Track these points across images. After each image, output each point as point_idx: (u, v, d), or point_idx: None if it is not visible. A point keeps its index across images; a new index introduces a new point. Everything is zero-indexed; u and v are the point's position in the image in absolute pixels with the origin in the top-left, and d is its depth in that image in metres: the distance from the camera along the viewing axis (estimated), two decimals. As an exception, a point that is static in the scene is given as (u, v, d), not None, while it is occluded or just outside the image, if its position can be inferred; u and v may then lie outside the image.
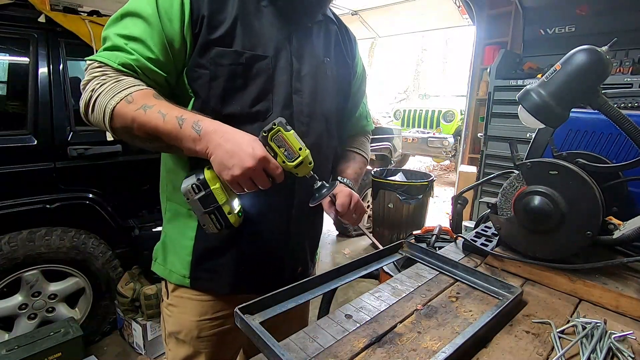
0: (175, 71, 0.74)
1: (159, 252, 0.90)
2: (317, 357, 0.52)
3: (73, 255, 1.77)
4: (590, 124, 0.97)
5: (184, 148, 0.66)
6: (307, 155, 0.68)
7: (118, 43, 0.69)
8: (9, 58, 1.81)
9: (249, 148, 0.64)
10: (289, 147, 0.67)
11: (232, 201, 0.70)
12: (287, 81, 0.78)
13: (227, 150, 0.63)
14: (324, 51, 0.87)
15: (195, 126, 0.65)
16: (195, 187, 0.67)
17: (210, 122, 0.66)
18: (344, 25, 0.98)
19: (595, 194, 0.70)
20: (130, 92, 0.66)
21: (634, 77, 2.47)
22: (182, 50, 0.72)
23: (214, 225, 0.68)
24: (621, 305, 0.66)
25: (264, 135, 0.67)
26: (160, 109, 0.66)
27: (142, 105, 0.65)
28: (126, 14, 0.71)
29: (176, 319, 0.87)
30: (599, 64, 0.66)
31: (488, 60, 3.61)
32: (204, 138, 0.64)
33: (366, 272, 0.79)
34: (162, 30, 0.69)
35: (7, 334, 1.71)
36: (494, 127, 3.13)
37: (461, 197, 0.99)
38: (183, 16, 0.70)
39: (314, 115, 0.83)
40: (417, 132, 6.78)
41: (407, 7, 4.25)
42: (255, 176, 0.65)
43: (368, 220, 3.85)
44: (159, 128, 0.65)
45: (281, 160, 0.68)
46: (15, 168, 1.63)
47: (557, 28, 3.13)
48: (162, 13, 0.69)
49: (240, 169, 0.63)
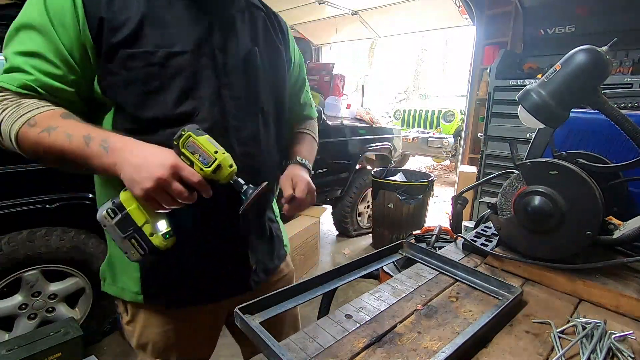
0: (85, 82, 0.68)
1: (106, 272, 0.84)
2: (317, 357, 0.52)
3: (73, 255, 1.76)
4: (590, 124, 0.98)
5: (93, 167, 0.62)
6: (224, 158, 0.63)
7: (16, 63, 0.63)
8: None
9: (157, 158, 0.60)
10: (203, 151, 0.62)
11: (156, 222, 0.64)
12: (212, 76, 0.73)
13: (134, 164, 0.59)
14: (252, 40, 0.81)
15: (103, 144, 0.61)
16: (111, 212, 0.62)
17: (118, 139, 0.62)
18: (272, 11, 0.91)
19: (595, 194, 0.70)
20: (32, 115, 0.62)
21: (634, 77, 2.47)
22: (85, 59, 0.66)
23: (137, 250, 0.63)
24: (621, 305, 0.66)
25: (175, 144, 0.63)
26: (66, 130, 0.62)
27: (45, 128, 0.61)
28: (19, 27, 0.65)
29: (140, 334, 0.84)
30: (599, 64, 0.66)
31: (488, 60, 3.61)
32: (112, 155, 0.61)
33: (366, 272, 0.79)
34: (59, 39, 0.63)
35: (7, 334, 1.71)
36: (494, 127, 3.13)
37: (461, 197, 0.99)
38: (77, 20, 0.63)
39: (247, 109, 0.78)
40: (417, 132, 6.78)
41: (407, 7, 4.24)
42: (170, 187, 0.60)
43: (368, 220, 3.85)
44: (65, 149, 0.61)
45: (198, 167, 0.63)
46: (15, 168, 1.63)
47: (557, 28, 3.13)
48: (55, 20, 0.63)
49: (151, 180, 0.58)
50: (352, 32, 5.27)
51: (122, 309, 0.86)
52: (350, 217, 3.64)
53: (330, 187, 3.32)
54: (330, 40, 5.61)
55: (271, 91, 0.85)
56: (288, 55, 0.93)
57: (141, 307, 0.82)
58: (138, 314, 0.83)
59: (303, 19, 4.94)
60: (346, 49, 13.62)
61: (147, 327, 0.83)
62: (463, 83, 4.51)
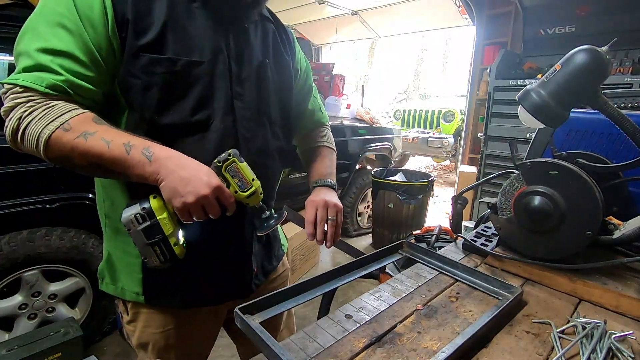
0: (110, 83, 0.67)
1: (105, 271, 0.84)
2: (317, 357, 0.52)
3: (73, 255, 1.76)
4: (590, 124, 0.98)
5: (132, 175, 0.62)
6: (259, 186, 0.70)
7: (42, 61, 0.60)
8: (9, 58, 1.80)
9: (204, 176, 0.63)
10: (243, 177, 0.68)
11: (178, 232, 0.67)
12: (227, 86, 0.74)
13: (182, 177, 0.61)
14: (263, 52, 0.83)
15: (145, 152, 0.62)
16: (140, 217, 0.62)
17: (161, 148, 0.64)
18: (280, 23, 0.93)
19: (595, 194, 0.70)
20: (66, 119, 0.60)
21: (634, 77, 2.47)
22: (111, 59, 0.65)
23: (157, 258, 0.64)
24: (621, 305, 0.66)
25: (218, 166, 0.66)
26: (103, 135, 0.61)
27: (82, 133, 0.60)
28: (42, 23, 0.62)
29: (140, 333, 0.84)
30: (599, 64, 0.66)
31: (488, 60, 3.61)
32: (155, 163, 0.61)
33: (366, 272, 0.79)
34: (88, 38, 0.62)
35: (7, 334, 1.71)
36: (494, 127, 3.13)
37: (461, 197, 0.99)
38: (106, 19, 0.63)
39: (257, 120, 0.80)
40: (417, 132, 6.78)
41: (407, 7, 4.25)
42: (208, 204, 0.63)
43: (368, 220, 3.85)
44: (103, 156, 0.61)
45: (234, 190, 0.68)
46: (15, 168, 1.63)
47: (557, 28, 3.13)
48: (84, 18, 0.61)
49: (194, 196, 0.61)
50: (352, 32, 5.28)
51: (122, 309, 0.86)
52: (350, 217, 3.65)
53: (330, 187, 3.31)
54: (330, 40, 5.61)
55: (279, 102, 0.87)
56: (295, 67, 0.95)
57: (142, 307, 0.82)
58: (139, 313, 0.83)
59: (303, 19, 4.94)
60: (346, 49, 13.61)
61: (148, 327, 0.83)
62: (463, 83, 4.51)
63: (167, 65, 0.67)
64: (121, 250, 0.80)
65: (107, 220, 0.81)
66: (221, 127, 0.74)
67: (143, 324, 0.83)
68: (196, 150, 0.70)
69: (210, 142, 0.73)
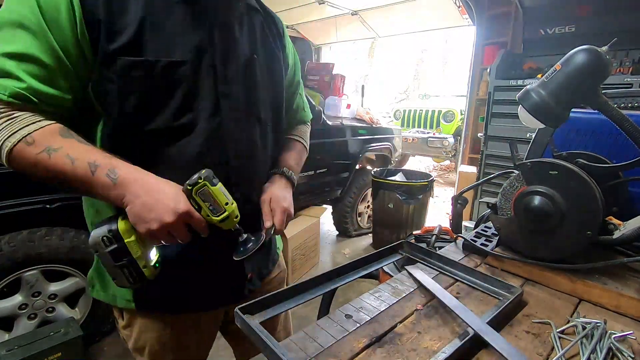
0: (80, 88, 0.63)
1: (95, 278, 0.82)
2: (317, 357, 0.52)
3: (73, 255, 1.76)
4: (590, 124, 0.98)
5: (96, 196, 0.61)
6: (233, 210, 0.66)
7: (5, 67, 0.56)
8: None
9: (170, 202, 0.60)
10: (215, 202, 0.64)
11: (149, 252, 0.65)
12: (212, 86, 0.70)
13: (145, 203, 0.59)
14: (251, 47, 0.77)
15: (110, 174, 0.59)
16: (107, 240, 0.60)
17: (128, 169, 0.60)
18: (269, 13, 0.87)
19: (595, 194, 0.70)
20: (29, 132, 0.57)
21: (634, 77, 2.47)
22: (81, 63, 0.61)
23: (126, 279, 0.62)
24: (621, 305, 0.66)
25: (189, 189, 0.63)
26: (68, 151, 0.58)
27: (45, 148, 0.57)
28: (4, 25, 0.57)
29: (136, 338, 0.83)
30: (599, 64, 0.66)
31: (488, 60, 3.60)
32: (120, 186, 0.59)
33: (366, 272, 0.79)
34: (54, 40, 0.57)
35: (7, 334, 1.71)
36: (494, 127, 3.13)
37: (461, 197, 0.99)
38: (74, 20, 0.58)
39: (245, 119, 0.76)
40: (417, 132, 6.78)
41: (407, 7, 4.24)
42: (175, 231, 0.61)
43: (368, 220, 3.85)
44: (67, 174, 0.58)
45: (205, 214, 0.64)
46: (15, 168, 1.63)
47: (557, 28, 3.13)
48: (49, 19, 0.57)
49: (158, 223, 0.59)
50: (352, 32, 5.27)
51: (117, 314, 0.84)
52: (350, 217, 3.65)
53: (330, 187, 3.32)
54: (330, 40, 5.60)
55: (269, 99, 0.82)
56: (286, 60, 0.90)
57: (136, 312, 0.81)
58: (134, 319, 0.82)
59: (303, 19, 4.94)
60: (346, 49, 13.62)
61: (143, 331, 0.82)
62: (463, 83, 4.51)
63: (146, 67, 0.63)
64: None
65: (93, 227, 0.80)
66: (206, 129, 0.70)
67: (139, 329, 0.82)
68: (180, 155, 0.68)
69: (195, 147, 0.69)
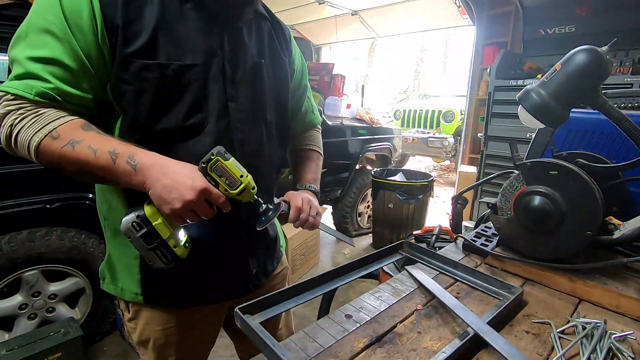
0: (100, 88, 0.67)
1: (105, 271, 0.85)
2: (317, 357, 0.52)
3: (73, 255, 1.76)
4: (590, 124, 0.98)
5: (119, 183, 0.64)
6: (249, 182, 0.68)
7: (31, 69, 0.61)
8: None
9: (188, 180, 0.62)
10: (230, 175, 0.66)
11: (177, 233, 0.68)
12: (221, 89, 0.73)
13: (165, 185, 0.62)
14: (258, 52, 0.81)
15: (130, 161, 0.62)
16: (136, 225, 0.64)
17: (145, 155, 0.64)
18: (277, 20, 0.91)
19: (595, 194, 0.70)
20: (54, 127, 0.61)
21: (634, 77, 2.47)
22: (101, 65, 0.65)
23: (161, 260, 0.66)
24: (621, 305, 0.66)
25: (203, 167, 0.65)
26: (90, 143, 0.62)
27: (69, 141, 0.61)
28: (32, 30, 0.62)
29: (141, 331, 0.85)
30: (599, 64, 0.66)
31: (488, 60, 3.61)
32: (140, 172, 0.62)
33: (366, 272, 0.79)
34: (77, 45, 0.62)
35: (7, 334, 1.70)
36: (494, 127, 3.13)
37: (461, 197, 0.99)
38: (95, 26, 0.62)
39: (253, 122, 0.79)
40: (417, 132, 6.78)
41: (407, 7, 4.24)
42: (197, 208, 0.64)
43: (368, 220, 3.85)
44: (91, 164, 0.62)
45: (223, 189, 0.66)
46: (16, 168, 1.63)
47: (557, 28, 3.13)
48: (72, 25, 0.61)
49: (180, 202, 0.62)
50: (352, 32, 5.27)
51: (124, 307, 0.86)
52: (350, 217, 3.64)
53: (330, 187, 3.31)
54: (330, 40, 5.61)
55: (275, 103, 0.86)
56: (292, 66, 0.94)
57: (143, 305, 0.83)
58: (140, 312, 0.84)
59: (303, 19, 4.94)
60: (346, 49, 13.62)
61: (148, 324, 0.84)
62: (463, 83, 4.51)
63: (159, 70, 0.66)
64: (120, 251, 0.81)
65: (106, 222, 0.82)
66: (215, 130, 0.73)
67: (144, 321, 0.84)
68: (191, 154, 0.70)
69: (204, 146, 0.72)
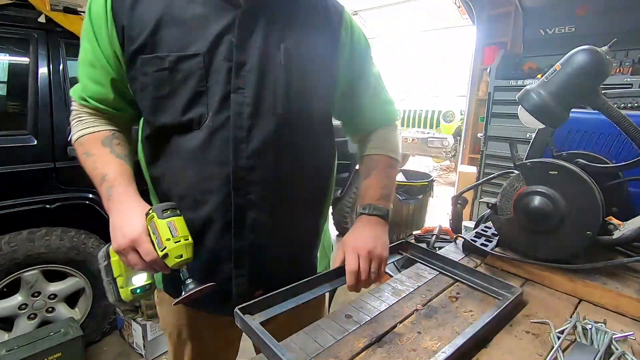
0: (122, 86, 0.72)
1: None
2: (317, 357, 0.52)
3: (73, 256, 1.76)
4: (590, 124, 0.98)
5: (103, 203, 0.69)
6: (173, 248, 0.60)
7: (78, 73, 0.71)
8: (9, 58, 1.80)
9: (127, 225, 0.63)
10: (159, 235, 0.61)
11: (131, 276, 0.67)
12: (225, 79, 0.66)
13: (113, 222, 0.65)
14: (280, 35, 0.69)
15: (107, 191, 0.67)
16: (104, 255, 0.68)
17: (117, 192, 0.66)
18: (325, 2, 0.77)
19: (595, 194, 0.70)
20: (82, 134, 0.72)
21: (634, 77, 2.48)
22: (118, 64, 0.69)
23: (111, 294, 0.68)
24: (621, 306, 0.66)
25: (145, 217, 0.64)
26: (96, 160, 0.69)
27: (86, 152, 0.71)
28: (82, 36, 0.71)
29: (162, 318, 0.90)
30: (599, 64, 0.66)
31: (488, 60, 3.61)
32: (109, 203, 0.66)
33: (366, 272, 0.79)
34: (99, 47, 0.68)
35: (7, 334, 1.70)
36: (494, 127, 3.13)
37: (461, 197, 0.99)
38: (107, 28, 0.67)
39: (260, 115, 0.68)
40: (417, 132, 6.77)
41: (407, 7, 4.25)
42: (127, 257, 0.63)
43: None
44: (91, 177, 0.70)
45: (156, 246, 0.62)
46: (15, 168, 1.63)
47: (557, 28, 3.13)
48: (96, 29, 0.67)
49: (116, 244, 0.63)
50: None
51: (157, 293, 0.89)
52: (350, 217, 3.64)
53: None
54: (330, 40, 5.60)
55: (298, 95, 0.72)
56: (338, 50, 0.77)
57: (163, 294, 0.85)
58: (162, 300, 0.88)
59: (303, 19, 4.93)
60: (346, 49, 13.59)
61: (166, 315, 0.88)
62: (463, 83, 4.51)
63: (157, 63, 0.66)
64: None
65: None
66: (212, 125, 0.67)
67: (164, 309, 0.88)
68: (186, 152, 0.68)
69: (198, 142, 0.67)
